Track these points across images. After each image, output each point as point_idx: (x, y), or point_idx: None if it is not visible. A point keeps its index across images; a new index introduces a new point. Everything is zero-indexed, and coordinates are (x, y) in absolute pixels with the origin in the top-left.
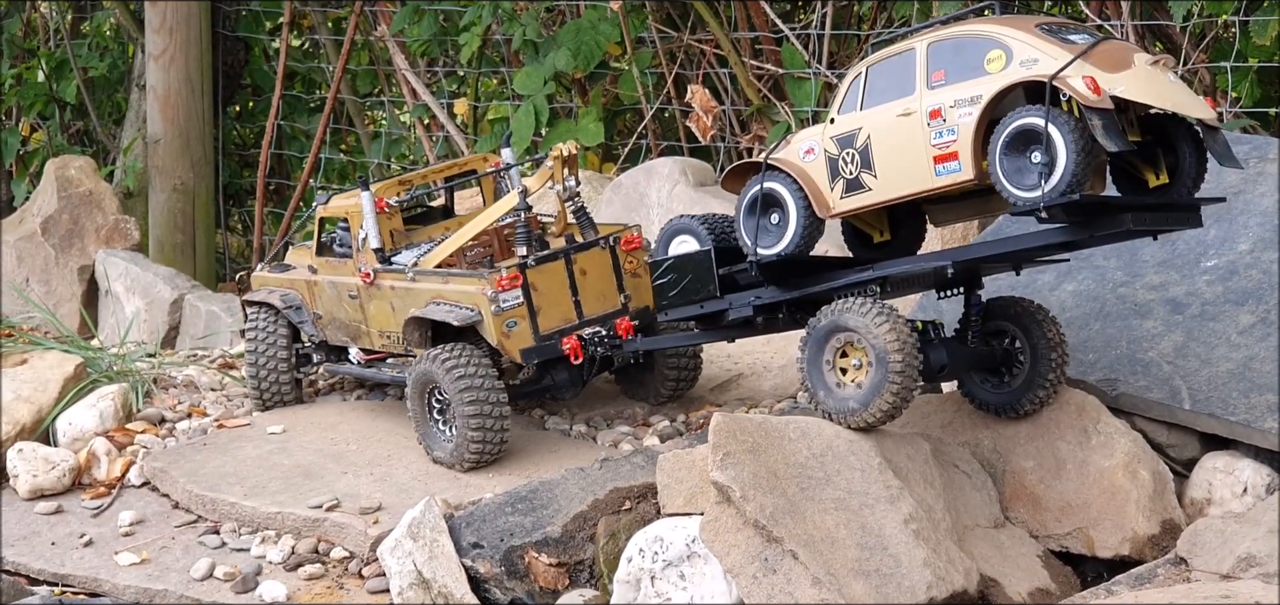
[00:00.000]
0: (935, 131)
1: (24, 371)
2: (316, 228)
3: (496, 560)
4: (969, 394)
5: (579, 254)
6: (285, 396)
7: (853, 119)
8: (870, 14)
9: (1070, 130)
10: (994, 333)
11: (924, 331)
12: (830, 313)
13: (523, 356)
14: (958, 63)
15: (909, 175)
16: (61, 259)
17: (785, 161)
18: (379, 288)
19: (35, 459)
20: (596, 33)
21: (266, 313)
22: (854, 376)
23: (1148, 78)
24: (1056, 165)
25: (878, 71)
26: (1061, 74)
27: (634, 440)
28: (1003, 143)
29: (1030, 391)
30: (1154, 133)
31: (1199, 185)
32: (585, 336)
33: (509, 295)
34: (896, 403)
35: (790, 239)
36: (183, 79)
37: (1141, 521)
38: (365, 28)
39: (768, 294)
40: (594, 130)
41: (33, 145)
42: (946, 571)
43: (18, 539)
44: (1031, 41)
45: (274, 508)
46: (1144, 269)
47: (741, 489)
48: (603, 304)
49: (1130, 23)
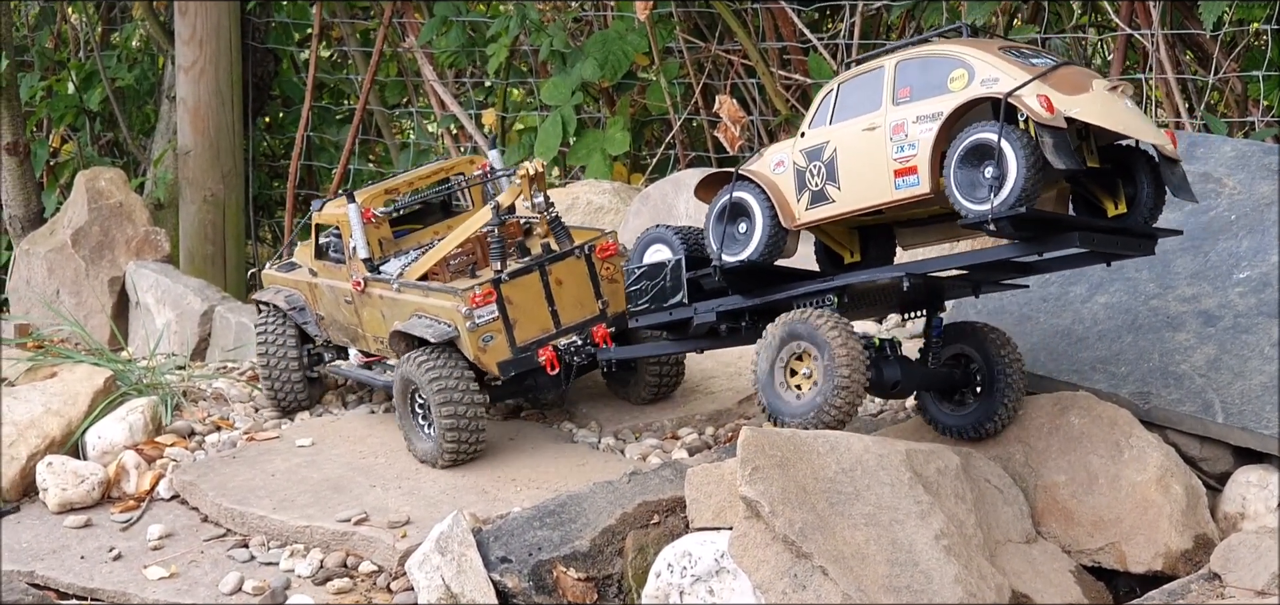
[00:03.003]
0: (897, 146)
1: (53, 384)
2: (313, 232)
3: (524, 575)
4: (930, 419)
5: (554, 264)
6: (300, 397)
7: (822, 133)
8: (898, 22)
9: (1022, 146)
10: (954, 356)
11: (881, 348)
12: (785, 321)
13: (500, 369)
14: (923, 81)
15: (870, 188)
16: (92, 271)
17: (756, 173)
18: (369, 296)
19: (64, 472)
20: (624, 43)
21: (274, 315)
22: (805, 384)
23: (1104, 102)
24: (1006, 180)
25: (849, 88)
26: (1017, 92)
27: (662, 454)
28: (958, 156)
29: (990, 417)
30: (1113, 161)
31: (1156, 216)
32: (561, 347)
33: (483, 311)
34: (840, 415)
35: (755, 247)
36: (212, 91)
37: (1174, 536)
38: (393, 39)
39: (731, 301)
40: (621, 140)
41: (63, 157)
42: (978, 587)
43: (47, 552)
44: (993, 62)
45: (303, 521)
46: (1176, 281)
47: (770, 504)
48: (580, 311)
49: (1160, 30)
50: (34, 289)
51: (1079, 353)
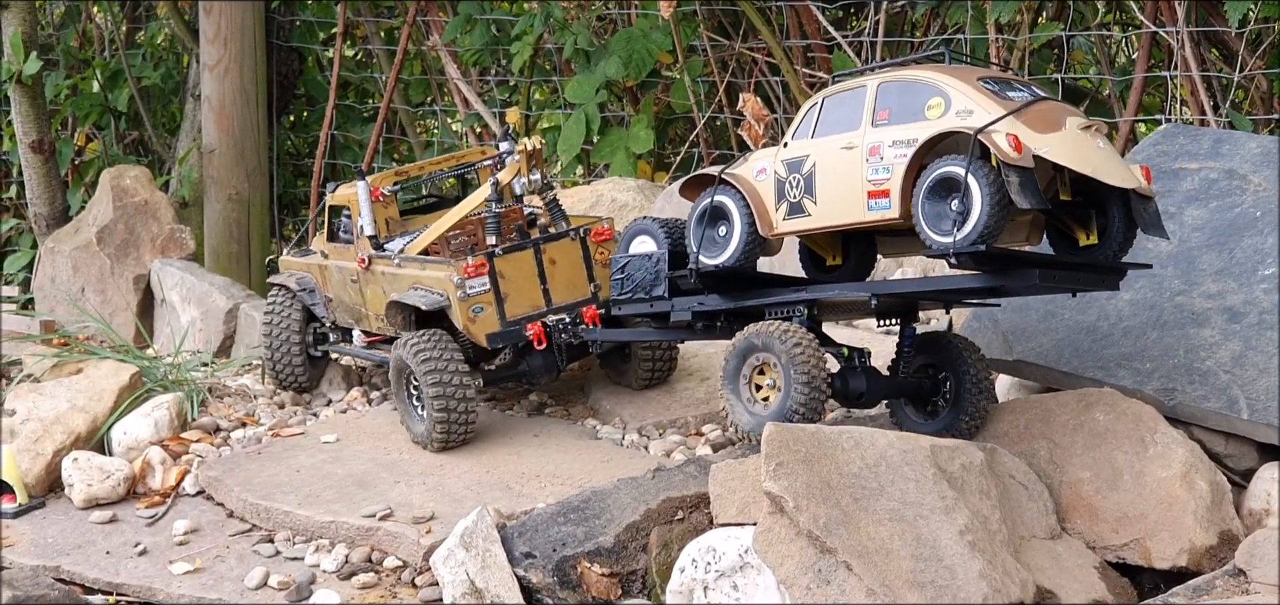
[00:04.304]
0: (872, 168)
1: (79, 381)
2: (327, 216)
3: (549, 570)
4: (901, 425)
5: (548, 244)
6: (300, 377)
7: (803, 146)
8: (923, 21)
9: (988, 184)
10: (923, 366)
11: (849, 358)
12: (749, 332)
13: (488, 341)
14: (902, 105)
15: (844, 206)
16: (117, 268)
17: (738, 178)
18: (373, 273)
19: (90, 468)
20: (648, 41)
21: (283, 295)
22: (768, 395)
23: (1075, 142)
24: (970, 215)
25: (833, 103)
26: (988, 129)
27: (686, 450)
28: (926, 187)
29: (954, 425)
30: (1086, 195)
31: (1126, 249)
32: (549, 324)
33: (475, 282)
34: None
35: (732, 252)
36: (237, 89)
37: (1199, 532)
38: (418, 37)
39: (709, 301)
40: (645, 138)
41: (88, 155)
42: (1003, 583)
43: (72, 548)
44: (970, 94)
45: (328, 517)
46: (1201, 278)
47: (795, 499)
48: (572, 293)
49: (1185, 28)
50: (59, 287)
51: (1104, 349)
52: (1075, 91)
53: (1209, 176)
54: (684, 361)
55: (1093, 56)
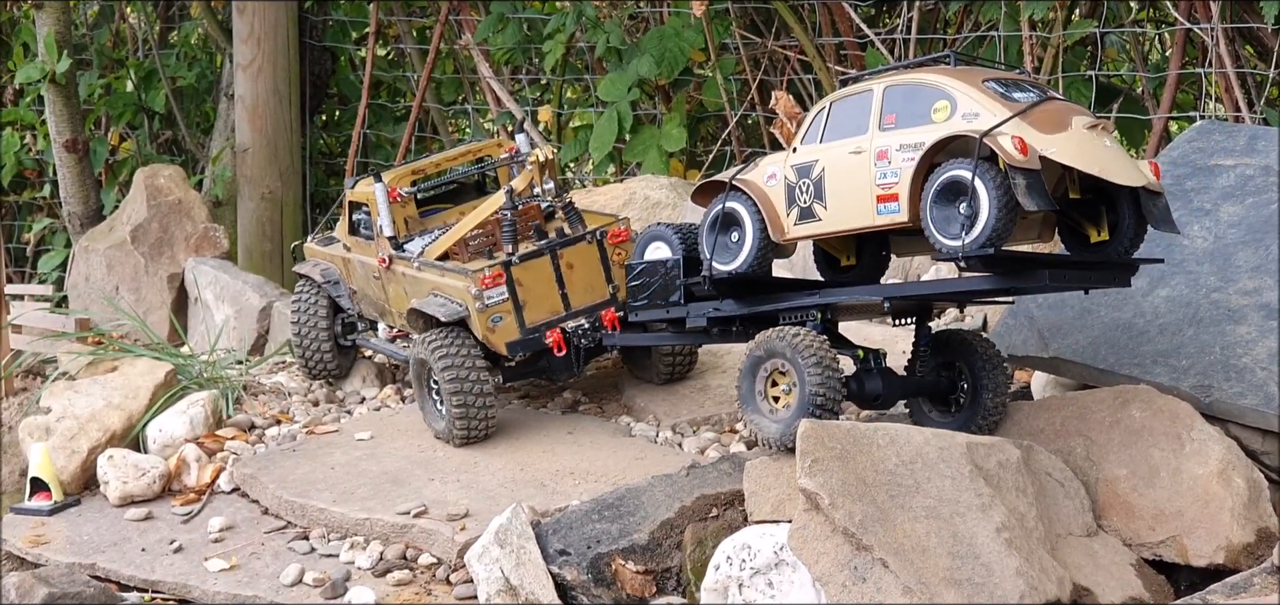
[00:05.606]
0: (880, 172)
1: (114, 378)
2: (346, 209)
3: (583, 567)
4: (920, 422)
5: (565, 248)
6: (330, 367)
7: (812, 151)
8: (956, 18)
9: (996, 186)
10: (944, 364)
11: (865, 359)
12: (764, 339)
13: (508, 349)
14: (908, 108)
15: (854, 210)
16: (151, 267)
17: (749, 184)
18: (393, 273)
19: (125, 466)
20: (680, 39)
21: (309, 286)
22: (785, 401)
23: (1081, 141)
24: (978, 218)
25: (840, 108)
26: (994, 131)
27: (721, 447)
28: (934, 191)
29: (972, 422)
30: (1096, 192)
31: (1137, 245)
32: (568, 330)
33: (493, 292)
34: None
35: (745, 258)
36: (270, 88)
37: (1236, 529)
38: (450, 36)
39: (724, 307)
40: (677, 136)
41: (122, 154)
42: (1039, 581)
43: (108, 545)
44: (975, 96)
45: (362, 514)
46: (1238, 274)
47: (830, 496)
48: (590, 296)
49: (1220, 25)
50: (93, 285)
51: (1140, 346)
52: (1109, 89)
53: (1245, 173)
54: (716, 358)
55: (1126, 54)
